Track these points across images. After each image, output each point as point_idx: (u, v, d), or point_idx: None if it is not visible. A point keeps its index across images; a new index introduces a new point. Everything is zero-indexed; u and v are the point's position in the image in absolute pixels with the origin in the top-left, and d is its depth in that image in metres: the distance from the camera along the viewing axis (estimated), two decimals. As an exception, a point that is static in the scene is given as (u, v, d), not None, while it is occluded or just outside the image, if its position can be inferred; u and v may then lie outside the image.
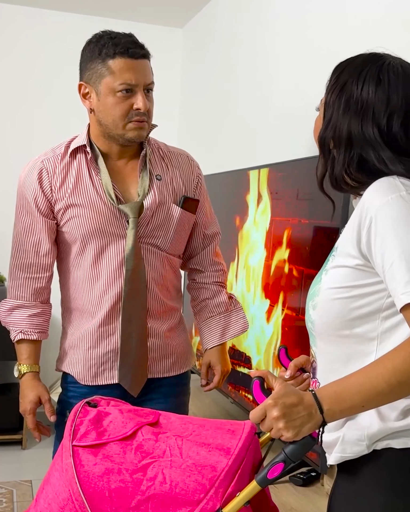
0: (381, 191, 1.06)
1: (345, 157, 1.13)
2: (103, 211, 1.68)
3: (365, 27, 2.02)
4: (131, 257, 1.69)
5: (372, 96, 1.11)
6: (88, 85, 1.67)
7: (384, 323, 1.09)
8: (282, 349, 1.35)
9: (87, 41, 1.70)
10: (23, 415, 1.78)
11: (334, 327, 1.13)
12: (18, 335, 1.77)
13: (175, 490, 1.08)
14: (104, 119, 1.65)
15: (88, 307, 1.74)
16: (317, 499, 1.83)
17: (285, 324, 2.12)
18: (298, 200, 2.10)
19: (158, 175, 1.75)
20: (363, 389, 1.01)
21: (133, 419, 1.19)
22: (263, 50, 2.79)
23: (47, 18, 3.71)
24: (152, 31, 3.83)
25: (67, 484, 1.10)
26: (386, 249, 1.02)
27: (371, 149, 1.11)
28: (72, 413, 1.19)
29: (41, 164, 1.71)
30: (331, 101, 1.16)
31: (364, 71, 1.13)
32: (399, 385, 0.99)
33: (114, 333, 1.73)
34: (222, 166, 3.03)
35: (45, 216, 1.71)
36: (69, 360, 1.79)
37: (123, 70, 1.61)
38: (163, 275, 1.77)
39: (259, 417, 1.03)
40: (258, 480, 1.05)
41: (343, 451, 1.11)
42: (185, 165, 1.82)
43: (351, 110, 1.12)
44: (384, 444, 1.08)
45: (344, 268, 1.11)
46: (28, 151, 3.61)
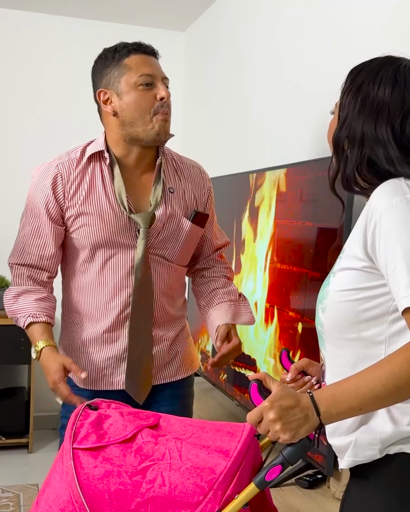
0: (386, 194, 1.06)
1: (357, 156, 1.14)
2: (113, 221, 1.69)
3: (371, 26, 2.01)
4: (140, 266, 1.70)
5: (388, 96, 1.12)
6: (108, 90, 1.67)
7: (391, 327, 1.09)
8: (283, 352, 1.35)
9: (96, 58, 1.73)
10: (54, 390, 1.68)
11: (342, 330, 1.13)
12: (27, 319, 1.71)
13: (175, 493, 1.08)
14: (130, 116, 1.65)
15: (92, 312, 1.75)
16: (323, 501, 1.83)
17: (289, 327, 2.12)
18: (301, 202, 2.10)
19: (171, 188, 1.76)
20: (360, 392, 1.01)
21: (133, 421, 1.20)
22: (266, 53, 2.79)
23: (50, 23, 3.73)
24: (154, 34, 3.83)
25: (68, 487, 1.11)
26: (389, 252, 1.03)
27: (382, 148, 1.11)
28: (73, 416, 1.20)
29: (56, 169, 1.69)
30: (346, 101, 1.16)
31: (381, 72, 1.14)
32: (396, 390, 0.99)
33: (117, 340, 1.74)
34: (225, 169, 3.04)
35: (55, 222, 1.71)
36: None
37: (139, 64, 1.65)
38: (170, 285, 1.79)
39: (255, 419, 1.04)
40: (256, 482, 1.06)
41: (355, 455, 1.11)
42: (197, 178, 1.83)
43: (366, 110, 1.13)
44: (396, 449, 1.08)
45: (352, 270, 1.11)
46: (36, 155, 3.66)
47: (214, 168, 3.21)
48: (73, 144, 1.79)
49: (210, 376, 2.85)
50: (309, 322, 1.99)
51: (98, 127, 1.79)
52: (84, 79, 3.66)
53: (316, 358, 1.36)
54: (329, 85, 2.20)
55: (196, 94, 3.73)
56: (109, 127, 1.71)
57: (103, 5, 3.52)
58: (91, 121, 3.35)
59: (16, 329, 3.30)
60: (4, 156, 3.72)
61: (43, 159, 1.81)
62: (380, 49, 1.24)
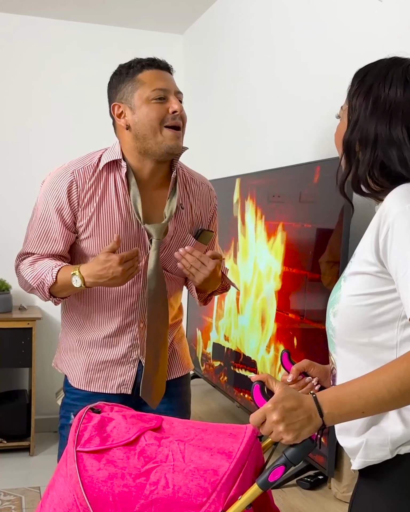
0: (400, 199, 1.06)
1: (370, 158, 1.13)
2: (123, 232, 1.70)
3: (370, 29, 2.02)
4: (154, 277, 1.71)
5: (401, 97, 1.12)
6: (122, 104, 1.69)
7: (402, 332, 1.09)
8: (284, 353, 1.35)
9: (112, 73, 1.74)
10: (119, 268, 1.58)
11: (353, 335, 1.13)
12: (54, 269, 1.66)
13: (178, 494, 1.09)
14: (142, 129, 1.66)
15: (96, 316, 1.77)
16: (324, 502, 1.83)
17: (289, 328, 2.13)
18: (300, 204, 2.11)
19: (182, 204, 1.78)
20: (364, 395, 1.01)
21: (136, 424, 1.21)
22: (265, 55, 2.80)
23: (48, 27, 3.74)
24: (153, 37, 3.86)
25: (72, 489, 1.11)
26: (400, 257, 1.03)
27: (396, 149, 1.11)
28: (76, 419, 1.20)
29: (71, 176, 1.68)
30: (357, 104, 1.16)
31: (390, 73, 1.14)
32: (400, 394, 1.00)
33: (117, 345, 1.77)
34: (225, 172, 3.05)
35: (68, 228, 1.71)
36: (68, 362, 1.83)
37: (153, 79, 1.66)
38: (171, 294, 1.83)
39: (258, 421, 1.04)
40: (259, 483, 1.06)
41: (366, 456, 1.12)
42: (205, 196, 1.85)
43: (379, 111, 1.13)
44: (407, 449, 1.08)
45: (363, 275, 1.11)
46: (38, 159, 3.67)
47: (213, 170, 3.22)
48: (76, 148, 1.80)
49: (211, 378, 2.86)
50: (309, 324, 2.00)
51: (99, 134, 1.80)
52: (83, 82, 3.72)
53: (315, 359, 1.37)
54: (329, 88, 2.22)
55: (195, 96, 3.74)
56: (123, 140, 1.72)
57: (102, 8, 3.53)
58: (93, 125, 3.39)
59: (17, 332, 3.38)
60: (6, 160, 3.72)
61: (46, 162, 1.82)
62: (381, 53, 1.24)
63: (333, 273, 1.86)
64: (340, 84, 2.20)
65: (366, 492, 1.16)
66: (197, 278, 1.67)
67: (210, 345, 2.88)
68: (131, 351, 1.77)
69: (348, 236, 1.78)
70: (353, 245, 1.78)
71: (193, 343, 3.13)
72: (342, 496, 1.81)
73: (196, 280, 1.68)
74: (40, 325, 3.54)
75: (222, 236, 2.54)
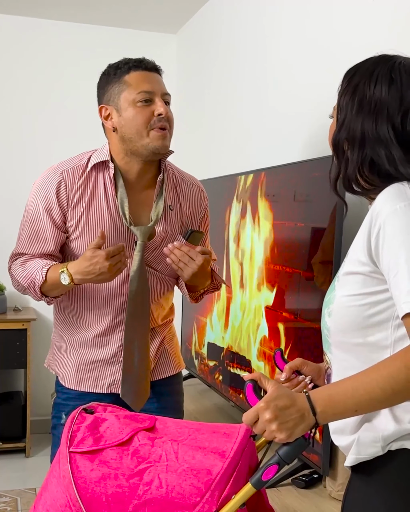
0: (391, 199, 1.06)
1: (358, 156, 1.13)
2: (113, 232, 1.71)
3: (364, 30, 2.02)
4: (136, 278, 1.72)
5: (386, 95, 1.12)
6: (108, 106, 1.69)
7: (396, 332, 1.09)
8: (277, 352, 1.36)
9: (101, 73, 1.74)
10: (105, 263, 1.58)
11: (348, 335, 1.13)
12: (44, 268, 1.67)
13: (172, 494, 1.09)
14: (128, 132, 1.66)
15: (86, 315, 1.78)
16: (319, 501, 1.84)
17: (283, 327, 2.13)
18: (295, 203, 2.11)
19: (171, 206, 1.78)
20: (357, 394, 1.02)
21: (129, 424, 1.20)
22: (259, 55, 2.80)
23: (41, 28, 3.73)
24: (146, 37, 3.85)
25: (65, 490, 1.11)
26: (392, 257, 1.03)
27: (383, 148, 1.11)
28: (69, 419, 1.20)
29: (60, 176, 1.69)
30: (344, 103, 1.16)
31: (376, 71, 1.14)
32: (392, 393, 1.00)
33: (107, 344, 1.78)
34: (218, 171, 3.05)
35: (58, 227, 1.72)
36: (60, 362, 1.84)
37: (139, 81, 1.65)
38: (161, 295, 1.83)
39: (251, 420, 1.04)
40: (252, 482, 1.06)
41: (358, 453, 1.12)
42: (195, 196, 1.85)
43: (364, 110, 1.13)
44: (398, 445, 1.09)
45: (356, 275, 1.11)
46: (34, 159, 3.67)
47: (207, 170, 3.22)
48: (69, 147, 1.80)
49: (206, 377, 2.86)
50: (303, 323, 2.00)
51: (94, 134, 1.80)
52: (76, 82, 3.72)
53: (309, 358, 1.37)
54: (322, 87, 2.22)
55: (188, 96, 3.74)
56: (111, 141, 1.73)
57: (95, 9, 3.53)
58: (87, 125, 3.38)
59: (12, 334, 3.37)
60: (2, 160, 3.72)
61: (40, 162, 1.82)
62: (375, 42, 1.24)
63: (326, 272, 1.86)
64: (333, 82, 2.21)
65: (359, 488, 1.16)
66: (186, 273, 1.66)
67: (205, 345, 2.89)
68: (121, 351, 1.78)
69: (341, 235, 1.78)
70: (346, 244, 1.78)
71: (188, 343, 3.13)
72: (336, 495, 1.82)
73: (185, 275, 1.68)
74: (35, 326, 3.54)
75: (215, 236, 2.54)
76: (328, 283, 1.83)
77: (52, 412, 1.85)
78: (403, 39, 1.79)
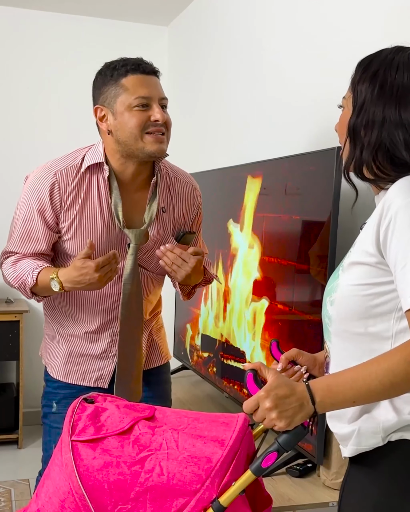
0: (403, 192, 1.07)
1: (376, 140, 1.13)
2: (105, 234, 1.71)
3: (356, 21, 2.03)
4: (129, 281, 1.72)
5: (408, 81, 1.12)
6: (104, 108, 1.67)
7: (398, 324, 1.10)
8: (273, 343, 1.37)
9: (97, 71, 1.72)
10: (95, 275, 1.58)
11: (350, 324, 1.14)
12: (34, 273, 1.68)
13: (173, 481, 1.11)
14: (123, 135, 1.64)
15: (77, 314, 1.80)
16: (314, 489, 1.86)
17: (278, 319, 2.15)
18: (288, 195, 2.12)
19: (164, 208, 1.77)
20: (356, 385, 1.03)
21: (129, 414, 1.22)
22: (251, 46, 2.80)
23: (33, 19, 3.71)
24: (137, 29, 3.84)
25: (67, 478, 1.12)
26: (400, 250, 1.04)
27: (403, 132, 1.11)
28: (70, 409, 1.22)
29: (53, 177, 1.67)
30: (362, 88, 1.15)
31: (395, 59, 1.14)
32: (391, 386, 1.02)
33: (97, 340, 1.80)
34: (211, 164, 3.06)
35: (50, 228, 1.72)
36: (51, 351, 1.86)
37: (136, 86, 1.63)
38: (151, 292, 1.85)
39: (251, 408, 1.06)
40: (252, 469, 1.09)
41: (358, 444, 1.14)
42: (189, 195, 1.85)
43: (386, 95, 1.13)
44: (398, 436, 1.10)
45: (363, 265, 1.12)
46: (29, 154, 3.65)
47: (200, 162, 3.23)
48: (62, 141, 1.80)
49: (199, 369, 2.88)
50: (297, 315, 2.02)
51: (85, 127, 1.79)
52: (67, 74, 3.70)
53: (304, 350, 1.38)
54: (317, 80, 2.23)
55: (180, 88, 3.74)
56: (106, 142, 1.71)
57: (86, 0, 3.51)
58: (79, 118, 3.37)
59: (4, 326, 3.37)
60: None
61: (33, 157, 1.82)
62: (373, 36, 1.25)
63: (322, 265, 1.88)
64: (328, 76, 2.22)
65: (358, 479, 1.18)
66: (179, 275, 1.68)
67: (199, 337, 2.90)
68: (111, 347, 1.80)
69: (336, 228, 1.80)
70: (341, 237, 1.80)
71: (182, 335, 3.14)
72: (330, 483, 1.84)
73: (178, 277, 1.69)
74: (28, 318, 3.54)
75: (209, 230, 2.55)
76: (322, 275, 1.85)
77: (42, 401, 1.87)
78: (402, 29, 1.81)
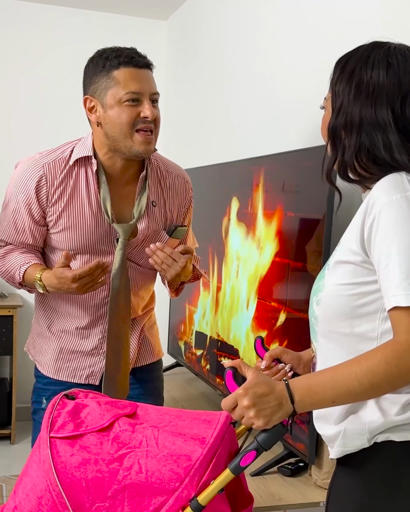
0: (387, 190, 1.06)
1: (356, 142, 1.12)
2: (94, 228, 1.69)
3: (357, 15, 2.01)
4: (117, 277, 1.71)
5: (384, 79, 1.11)
6: (94, 99, 1.64)
7: (383, 324, 1.09)
8: (258, 340, 1.36)
9: (89, 58, 1.68)
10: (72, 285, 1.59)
11: (336, 324, 1.13)
12: (21, 269, 1.69)
13: (151, 479, 1.09)
14: (112, 130, 1.62)
15: (67, 310, 1.78)
16: (305, 489, 1.85)
17: (271, 317, 2.13)
18: (284, 193, 2.11)
19: (154, 202, 1.75)
20: (336, 385, 1.02)
21: (110, 410, 1.21)
22: (250, 41, 2.79)
23: (31, 11, 3.69)
24: (136, 23, 3.82)
25: (45, 475, 1.11)
26: (383, 248, 1.03)
27: (381, 133, 1.10)
28: (50, 405, 1.20)
29: (41, 170, 1.65)
30: (340, 89, 1.14)
31: (371, 56, 1.13)
32: (370, 386, 1.01)
33: (88, 337, 1.78)
34: (208, 160, 3.04)
35: (36, 222, 1.70)
36: (40, 348, 1.85)
37: (128, 79, 1.60)
38: (142, 287, 1.83)
39: (230, 406, 1.05)
40: (231, 468, 1.07)
41: (344, 445, 1.13)
42: (181, 188, 1.83)
43: (362, 95, 1.12)
44: (384, 437, 1.09)
45: (347, 264, 1.11)
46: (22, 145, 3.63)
47: (197, 158, 3.21)
48: (51, 133, 1.78)
49: (193, 366, 2.87)
50: (291, 312, 2.00)
51: (77, 120, 1.77)
52: (65, 67, 3.68)
53: (298, 348, 1.37)
54: (313, 76, 2.21)
55: (178, 83, 3.72)
56: (95, 134, 1.69)
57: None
58: (71, 111, 3.35)
59: (-3, 320, 3.35)
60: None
61: (30, 148, 1.78)
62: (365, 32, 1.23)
63: (317, 262, 1.86)
64: (324, 72, 2.20)
65: (344, 479, 1.17)
66: (169, 274, 1.67)
67: (193, 334, 2.89)
68: (102, 343, 1.78)
69: (331, 226, 1.78)
70: (336, 234, 1.78)
71: (176, 332, 3.13)
72: (322, 483, 1.83)
73: (167, 276, 1.68)
74: (22, 313, 3.52)
75: (203, 226, 2.54)
76: (317, 273, 1.83)
77: (32, 397, 1.87)
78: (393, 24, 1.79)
